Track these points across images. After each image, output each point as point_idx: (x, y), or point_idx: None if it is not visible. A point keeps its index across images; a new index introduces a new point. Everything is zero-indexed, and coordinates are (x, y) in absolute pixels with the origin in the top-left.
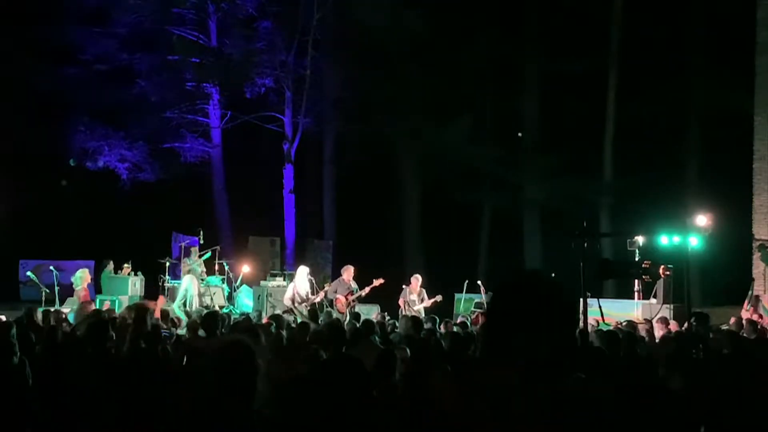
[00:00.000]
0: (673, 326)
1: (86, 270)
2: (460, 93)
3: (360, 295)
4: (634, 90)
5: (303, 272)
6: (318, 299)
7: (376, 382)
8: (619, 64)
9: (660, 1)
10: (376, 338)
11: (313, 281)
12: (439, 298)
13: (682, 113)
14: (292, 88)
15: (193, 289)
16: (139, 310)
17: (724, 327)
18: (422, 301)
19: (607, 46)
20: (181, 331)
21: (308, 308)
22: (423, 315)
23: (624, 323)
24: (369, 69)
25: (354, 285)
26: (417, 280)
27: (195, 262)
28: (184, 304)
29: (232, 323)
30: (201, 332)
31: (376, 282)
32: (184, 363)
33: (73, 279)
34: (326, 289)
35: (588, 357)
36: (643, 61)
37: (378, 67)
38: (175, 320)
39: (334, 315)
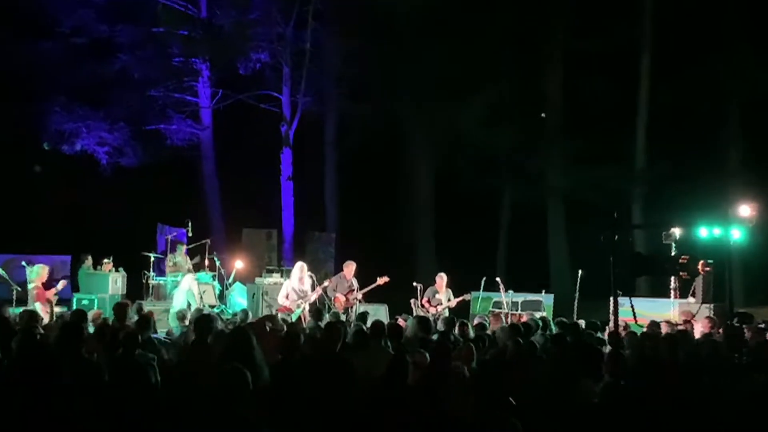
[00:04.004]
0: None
1: (45, 267)
2: (477, 70)
3: (359, 296)
4: (670, 69)
5: (297, 268)
6: (315, 297)
7: (387, 390)
8: (654, 40)
9: None
10: (387, 342)
11: (314, 278)
12: (468, 296)
13: (722, 94)
14: (290, 63)
15: (194, 290)
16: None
17: None
18: (449, 300)
19: (640, 20)
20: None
21: (305, 306)
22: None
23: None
24: (375, 42)
25: (355, 283)
26: (442, 278)
27: (180, 256)
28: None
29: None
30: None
31: (380, 280)
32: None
33: (27, 272)
34: (325, 284)
35: (618, 361)
36: (679, 36)
37: (385, 41)
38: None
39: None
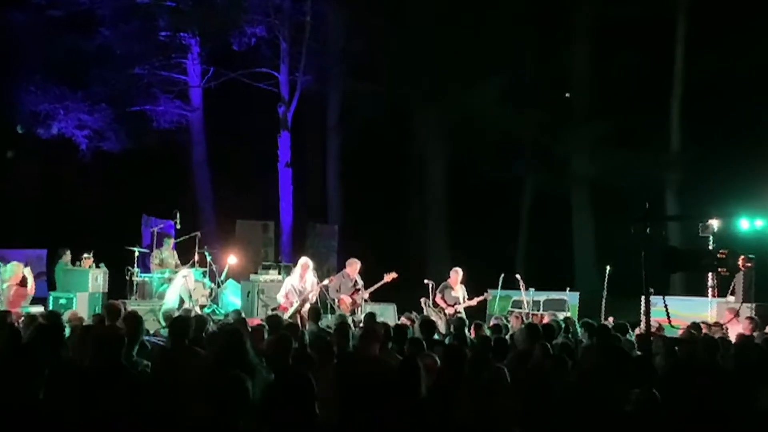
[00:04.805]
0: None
1: (20, 264)
2: (494, 45)
3: (366, 295)
4: (708, 42)
5: (299, 265)
6: (314, 296)
7: (397, 396)
8: (689, 9)
9: None
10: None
11: (316, 276)
12: (488, 295)
13: (766, 70)
14: (288, 38)
15: (189, 287)
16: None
17: None
18: (464, 299)
19: None
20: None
21: (299, 306)
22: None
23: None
24: (382, 15)
25: (360, 281)
26: (458, 273)
27: (167, 251)
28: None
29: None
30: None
31: (387, 277)
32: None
33: (1, 270)
34: (325, 283)
35: (650, 371)
36: (718, 5)
37: (393, 13)
38: None
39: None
